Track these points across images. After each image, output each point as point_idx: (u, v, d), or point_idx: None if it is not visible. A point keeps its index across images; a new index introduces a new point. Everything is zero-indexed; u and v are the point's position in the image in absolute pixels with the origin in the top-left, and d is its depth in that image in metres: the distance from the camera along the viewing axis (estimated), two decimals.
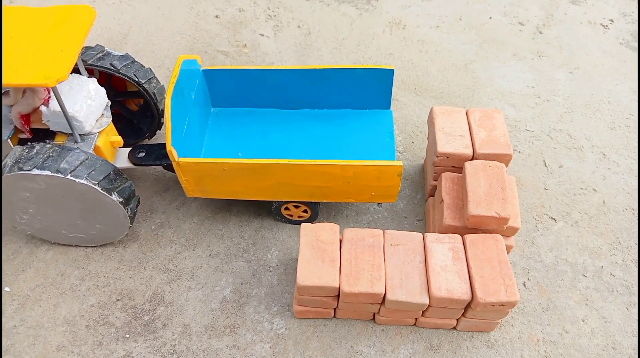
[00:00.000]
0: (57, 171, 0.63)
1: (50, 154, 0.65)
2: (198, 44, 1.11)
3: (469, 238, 0.67)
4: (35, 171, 0.63)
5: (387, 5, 1.21)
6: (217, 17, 1.18)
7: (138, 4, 1.21)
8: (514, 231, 0.70)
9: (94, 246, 0.78)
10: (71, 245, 0.78)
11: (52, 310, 0.71)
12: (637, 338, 0.69)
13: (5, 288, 0.73)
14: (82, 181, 0.64)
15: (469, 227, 0.68)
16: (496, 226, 0.68)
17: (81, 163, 0.65)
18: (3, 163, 0.65)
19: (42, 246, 0.78)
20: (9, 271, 0.75)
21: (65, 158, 0.65)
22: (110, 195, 0.67)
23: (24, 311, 0.71)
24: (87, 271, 0.75)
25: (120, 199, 0.68)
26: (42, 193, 0.66)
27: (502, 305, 0.62)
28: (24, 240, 0.79)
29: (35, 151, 0.65)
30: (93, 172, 0.65)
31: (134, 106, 0.88)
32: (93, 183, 0.65)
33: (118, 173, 0.69)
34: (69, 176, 0.64)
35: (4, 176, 0.64)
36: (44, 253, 0.77)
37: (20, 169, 0.63)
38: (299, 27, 1.16)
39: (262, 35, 1.14)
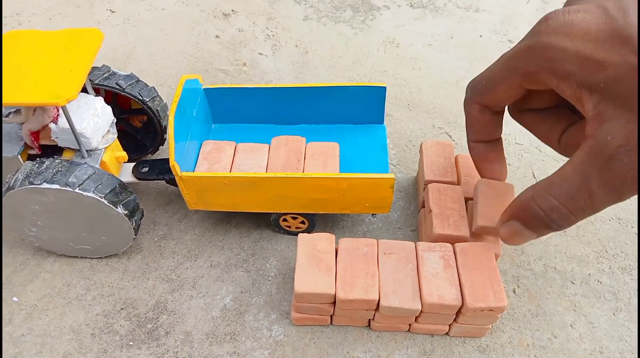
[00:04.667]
0: (66, 184, 0.67)
1: (59, 169, 0.68)
2: (199, 63, 1.16)
3: (459, 246, 0.70)
4: (45, 185, 0.66)
5: (381, 24, 1.26)
6: (217, 37, 1.23)
7: (141, 25, 1.26)
8: None
9: (99, 258, 0.81)
10: (77, 257, 0.81)
11: (59, 319, 0.74)
12: (624, 342, 0.72)
13: (14, 299, 0.76)
14: (89, 194, 0.67)
15: (476, 234, 0.71)
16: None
17: (89, 177, 0.68)
18: (14, 178, 0.68)
19: (48, 258, 0.81)
20: (16, 282, 0.78)
21: (74, 173, 0.68)
22: (116, 208, 0.70)
23: (32, 321, 0.74)
24: (93, 282, 0.78)
25: (126, 212, 0.71)
26: (51, 206, 0.69)
27: (491, 310, 0.64)
28: (31, 251, 0.81)
29: (45, 166, 0.69)
30: (100, 186, 0.69)
31: (138, 122, 0.92)
32: (100, 196, 0.68)
33: (123, 186, 0.72)
34: (77, 190, 0.67)
35: (15, 191, 0.67)
36: (50, 265, 0.80)
37: (31, 183, 0.67)
38: (296, 46, 1.20)
39: (261, 54, 1.18)
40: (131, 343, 0.71)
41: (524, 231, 0.57)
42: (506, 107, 0.66)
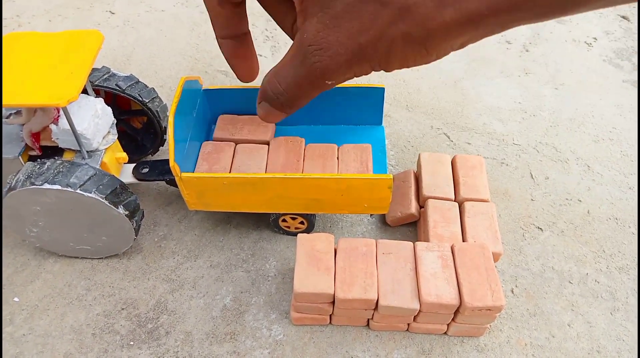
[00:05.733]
0: (67, 185, 0.67)
1: (61, 169, 0.69)
2: (199, 64, 1.16)
3: (457, 246, 0.70)
4: (47, 186, 0.67)
5: None
6: None
7: (141, 27, 1.26)
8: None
9: (100, 258, 0.81)
10: (78, 257, 0.81)
11: (60, 319, 0.74)
12: (621, 341, 0.72)
13: (15, 299, 0.76)
14: (90, 195, 0.68)
15: None
16: None
17: (90, 178, 0.69)
18: (16, 179, 0.69)
19: (49, 259, 0.81)
20: (18, 283, 0.78)
21: (75, 173, 0.68)
22: (117, 208, 0.70)
23: (33, 321, 0.74)
24: (93, 282, 0.78)
25: (126, 212, 0.71)
26: (52, 207, 0.70)
27: (489, 309, 0.65)
28: (32, 252, 0.82)
29: (46, 166, 0.69)
30: (101, 186, 0.69)
31: (138, 124, 0.92)
32: (101, 197, 0.68)
33: (124, 187, 0.73)
34: (78, 190, 0.67)
35: (16, 191, 0.68)
36: (51, 265, 0.80)
37: (32, 184, 0.67)
38: None
39: (260, 55, 1.19)
40: (132, 343, 0.71)
41: (273, 110, 0.63)
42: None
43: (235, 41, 0.72)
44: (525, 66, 1.16)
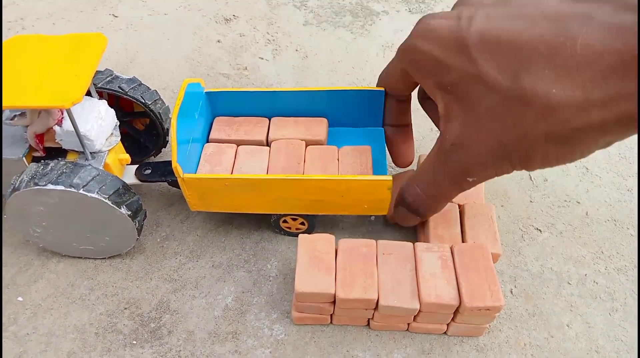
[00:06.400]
0: (71, 186, 0.68)
1: (64, 170, 0.70)
2: (201, 68, 1.17)
3: (456, 247, 0.71)
4: (50, 186, 0.68)
5: (380, 29, 1.27)
6: (219, 41, 1.24)
7: (144, 30, 1.28)
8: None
9: (103, 258, 0.82)
10: (81, 257, 0.82)
11: (63, 318, 0.75)
12: (620, 342, 0.73)
13: (19, 298, 0.77)
14: (93, 195, 0.69)
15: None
16: None
17: (93, 178, 0.70)
18: (20, 179, 0.70)
19: (53, 259, 0.82)
20: (21, 283, 0.79)
21: (78, 174, 0.69)
22: (120, 208, 0.71)
23: (36, 320, 0.75)
24: (96, 282, 0.79)
25: (129, 212, 0.72)
26: (55, 207, 0.71)
27: (488, 309, 0.66)
28: (36, 252, 0.83)
29: (50, 167, 0.70)
30: (104, 187, 0.70)
31: (140, 125, 0.93)
32: (104, 197, 0.69)
33: (127, 187, 0.73)
34: (81, 191, 0.68)
35: (20, 192, 0.68)
36: (54, 265, 0.81)
37: (36, 184, 0.68)
38: (296, 50, 1.22)
39: (262, 58, 1.20)
40: (134, 342, 0.72)
41: (408, 214, 0.66)
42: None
43: (395, 129, 0.79)
44: None
